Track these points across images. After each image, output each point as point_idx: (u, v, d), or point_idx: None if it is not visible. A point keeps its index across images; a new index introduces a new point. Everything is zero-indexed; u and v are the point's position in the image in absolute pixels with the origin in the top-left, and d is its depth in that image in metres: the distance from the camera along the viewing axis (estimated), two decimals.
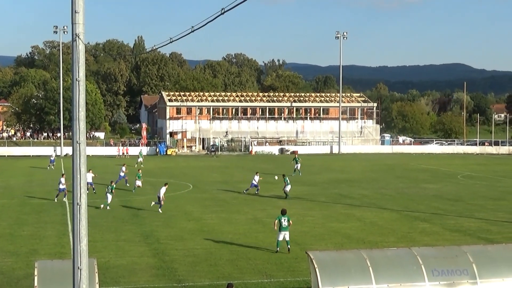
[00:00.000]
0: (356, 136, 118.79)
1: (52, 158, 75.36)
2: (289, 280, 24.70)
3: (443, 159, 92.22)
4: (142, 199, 46.31)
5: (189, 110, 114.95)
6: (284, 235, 29.34)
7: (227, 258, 28.30)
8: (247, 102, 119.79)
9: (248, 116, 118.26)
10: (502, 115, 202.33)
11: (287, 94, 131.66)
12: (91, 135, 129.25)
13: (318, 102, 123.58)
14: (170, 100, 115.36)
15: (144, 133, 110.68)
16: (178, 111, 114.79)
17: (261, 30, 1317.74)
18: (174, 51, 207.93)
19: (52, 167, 72.59)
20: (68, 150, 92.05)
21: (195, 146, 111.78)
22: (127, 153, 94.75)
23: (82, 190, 14.18)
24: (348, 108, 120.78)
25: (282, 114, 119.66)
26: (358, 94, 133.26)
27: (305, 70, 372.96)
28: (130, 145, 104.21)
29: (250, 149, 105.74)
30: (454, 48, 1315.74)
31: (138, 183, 51.08)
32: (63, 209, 42.43)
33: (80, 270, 14.27)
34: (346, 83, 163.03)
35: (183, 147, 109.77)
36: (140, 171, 54.35)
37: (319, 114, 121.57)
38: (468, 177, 66.02)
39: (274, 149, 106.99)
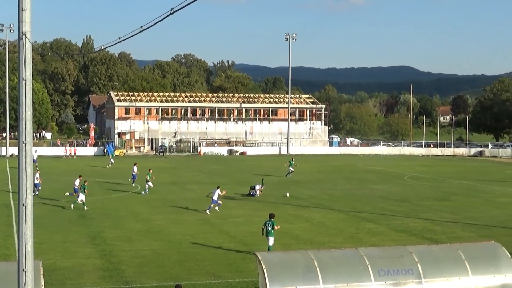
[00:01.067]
0: (305, 137, 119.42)
1: None
2: (237, 281, 24.74)
3: (390, 161, 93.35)
4: (91, 199, 45.81)
5: (137, 111, 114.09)
6: (269, 240, 28.58)
7: (175, 259, 28.22)
8: (196, 102, 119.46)
9: (197, 116, 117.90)
10: (447, 117, 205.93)
11: (236, 95, 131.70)
12: (39, 135, 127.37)
13: (267, 103, 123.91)
14: (118, 100, 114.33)
15: (92, 134, 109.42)
16: (127, 111, 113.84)
17: (211, 30, 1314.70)
18: (123, 51, 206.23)
19: None
20: (14, 150, 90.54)
21: (144, 146, 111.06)
22: (74, 153, 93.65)
23: (28, 191, 13.99)
24: (296, 109, 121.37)
25: (231, 115, 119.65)
26: (307, 96, 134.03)
27: (254, 71, 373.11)
28: (77, 146, 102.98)
29: (199, 150, 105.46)
30: (401, 51, 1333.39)
31: (150, 184, 51.14)
32: (8, 210, 41.75)
33: (25, 272, 14.07)
34: (295, 85, 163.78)
35: (131, 147, 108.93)
36: (151, 171, 53.33)
37: (268, 115, 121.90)
38: (414, 178, 66.98)
39: (223, 150, 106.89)
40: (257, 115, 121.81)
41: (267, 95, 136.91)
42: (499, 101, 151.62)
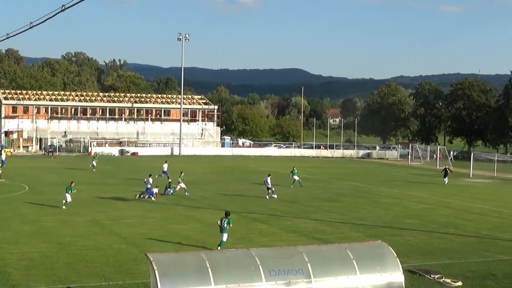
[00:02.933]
0: (197, 138, 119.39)
1: None
2: (128, 283, 24.45)
3: (281, 162, 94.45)
4: None
5: (25, 109, 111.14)
6: (223, 236, 29.81)
7: (64, 261, 27.60)
8: (87, 102, 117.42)
9: (88, 116, 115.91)
10: (337, 120, 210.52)
11: (128, 94, 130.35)
12: None
13: (159, 103, 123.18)
14: (5, 98, 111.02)
15: None
16: (14, 109, 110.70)
17: (103, 29, 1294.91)
18: (10, 47, 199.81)
19: None
20: None
21: (32, 146, 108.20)
22: None
23: None
24: (189, 110, 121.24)
25: (123, 115, 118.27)
26: (200, 96, 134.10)
27: (146, 71, 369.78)
28: None
29: (89, 150, 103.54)
30: (293, 54, 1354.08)
31: (182, 185, 51.25)
32: None
33: None
34: (187, 85, 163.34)
35: (19, 147, 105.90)
36: (183, 173, 53.27)
37: (160, 116, 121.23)
38: (304, 179, 67.99)
39: (114, 150, 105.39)
40: (149, 115, 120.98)
41: (159, 95, 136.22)
42: (386, 104, 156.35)
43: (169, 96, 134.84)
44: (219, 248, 28.99)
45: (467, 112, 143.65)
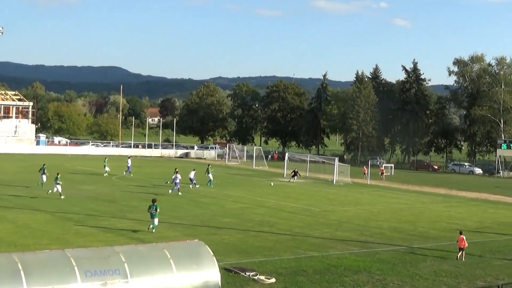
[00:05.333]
0: (11, 135, 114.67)
1: None
2: None
3: (99, 161, 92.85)
4: None
5: None
6: (154, 221, 35.77)
7: None
8: None
9: None
10: (156, 119, 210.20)
11: None
12: None
13: None
14: None
15: None
16: None
17: None
18: None
19: None
20: None
21: None
22: None
23: None
24: (2, 106, 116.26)
25: None
26: (14, 92, 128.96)
27: None
28: None
29: None
30: (112, 52, 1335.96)
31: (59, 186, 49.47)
32: None
33: None
34: (0, 80, 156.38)
35: None
36: (59, 174, 50.62)
37: None
38: (122, 178, 67.51)
39: None
40: None
41: None
42: (205, 105, 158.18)
43: None
44: (153, 230, 35.46)
45: (282, 114, 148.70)
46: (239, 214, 45.39)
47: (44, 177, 54.21)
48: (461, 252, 31.93)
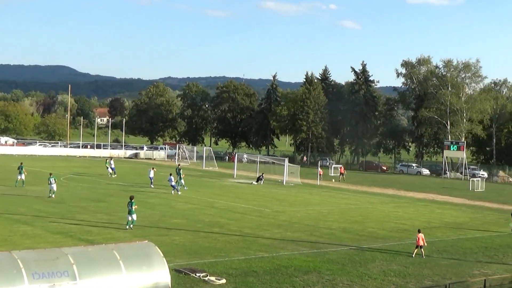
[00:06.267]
0: None
1: None
2: None
3: (46, 161, 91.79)
4: None
5: None
6: (132, 216, 37.05)
7: None
8: None
9: None
10: (105, 119, 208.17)
11: None
12: None
13: None
14: None
15: None
16: None
17: None
18: None
19: None
20: None
21: None
22: None
23: None
24: None
25: None
26: None
27: None
28: None
29: None
30: (59, 50, 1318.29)
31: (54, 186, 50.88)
32: None
33: None
34: None
35: None
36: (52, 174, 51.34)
37: None
38: (71, 179, 66.74)
39: None
40: None
41: None
42: (154, 105, 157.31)
43: None
44: (131, 226, 36.86)
45: (232, 115, 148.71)
46: (189, 215, 45.25)
47: (22, 176, 56.99)
48: (417, 249, 32.86)
